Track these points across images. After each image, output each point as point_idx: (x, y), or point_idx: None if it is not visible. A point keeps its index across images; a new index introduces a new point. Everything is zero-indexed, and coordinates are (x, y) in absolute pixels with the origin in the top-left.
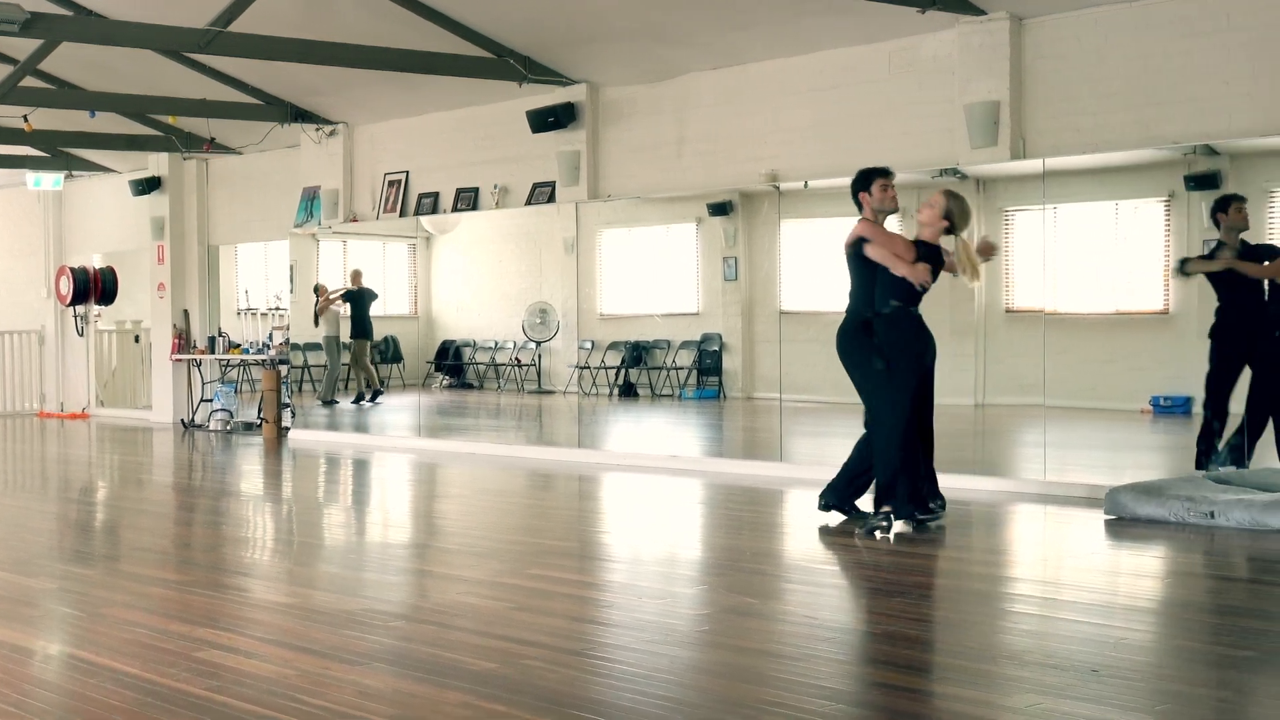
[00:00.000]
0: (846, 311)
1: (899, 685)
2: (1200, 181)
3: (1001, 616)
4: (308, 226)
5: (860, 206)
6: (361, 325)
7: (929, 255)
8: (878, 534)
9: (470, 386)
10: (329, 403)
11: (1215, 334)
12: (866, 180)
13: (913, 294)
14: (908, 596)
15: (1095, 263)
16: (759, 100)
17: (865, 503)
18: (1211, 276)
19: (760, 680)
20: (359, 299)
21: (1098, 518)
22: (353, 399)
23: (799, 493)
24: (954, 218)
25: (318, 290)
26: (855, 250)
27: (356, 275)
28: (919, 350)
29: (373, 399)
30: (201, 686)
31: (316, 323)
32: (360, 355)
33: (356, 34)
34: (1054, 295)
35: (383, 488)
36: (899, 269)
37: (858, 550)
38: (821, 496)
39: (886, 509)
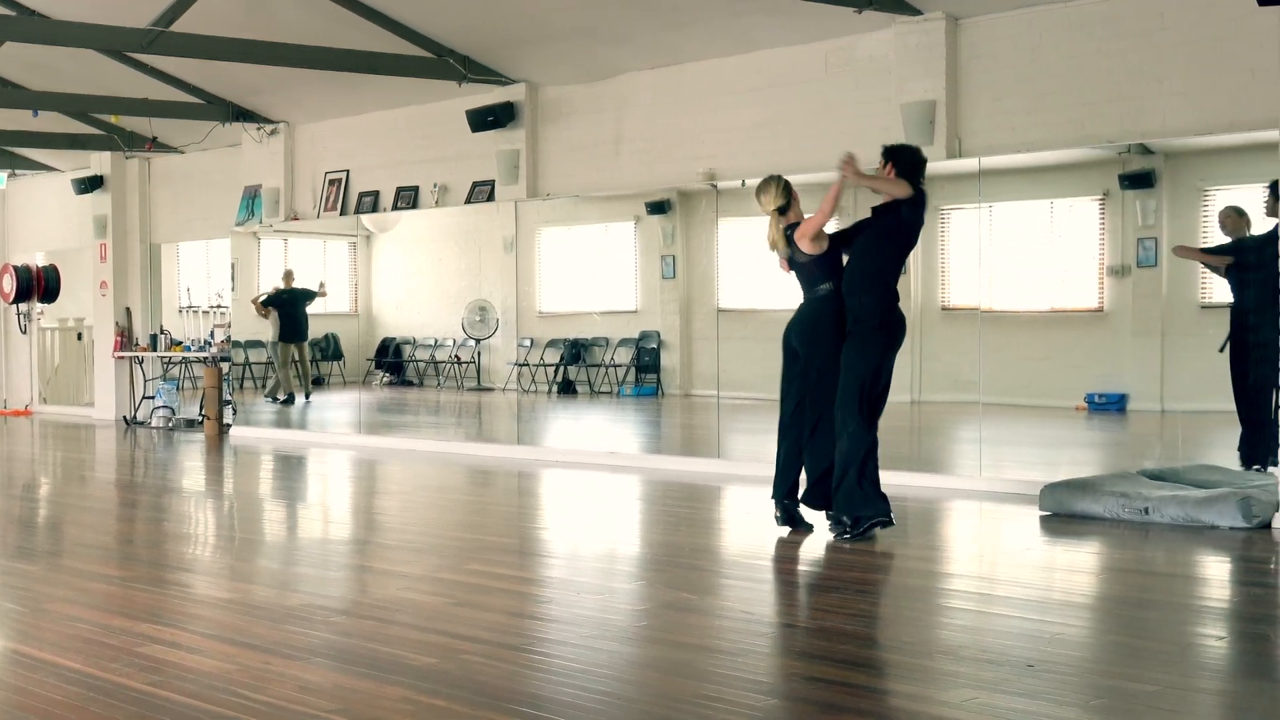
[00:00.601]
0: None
1: (836, 680)
2: (1134, 180)
3: (938, 612)
4: (249, 225)
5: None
6: (286, 327)
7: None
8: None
9: (410, 384)
10: (287, 401)
11: None
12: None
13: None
14: (844, 592)
15: (1031, 261)
16: (696, 100)
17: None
18: None
19: (698, 675)
20: (287, 301)
21: (1033, 514)
22: (284, 401)
23: (736, 489)
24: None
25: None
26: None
27: (288, 276)
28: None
29: (283, 399)
30: (143, 681)
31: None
32: (284, 359)
33: (297, 34)
34: (990, 293)
35: (323, 484)
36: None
37: (794, 546)
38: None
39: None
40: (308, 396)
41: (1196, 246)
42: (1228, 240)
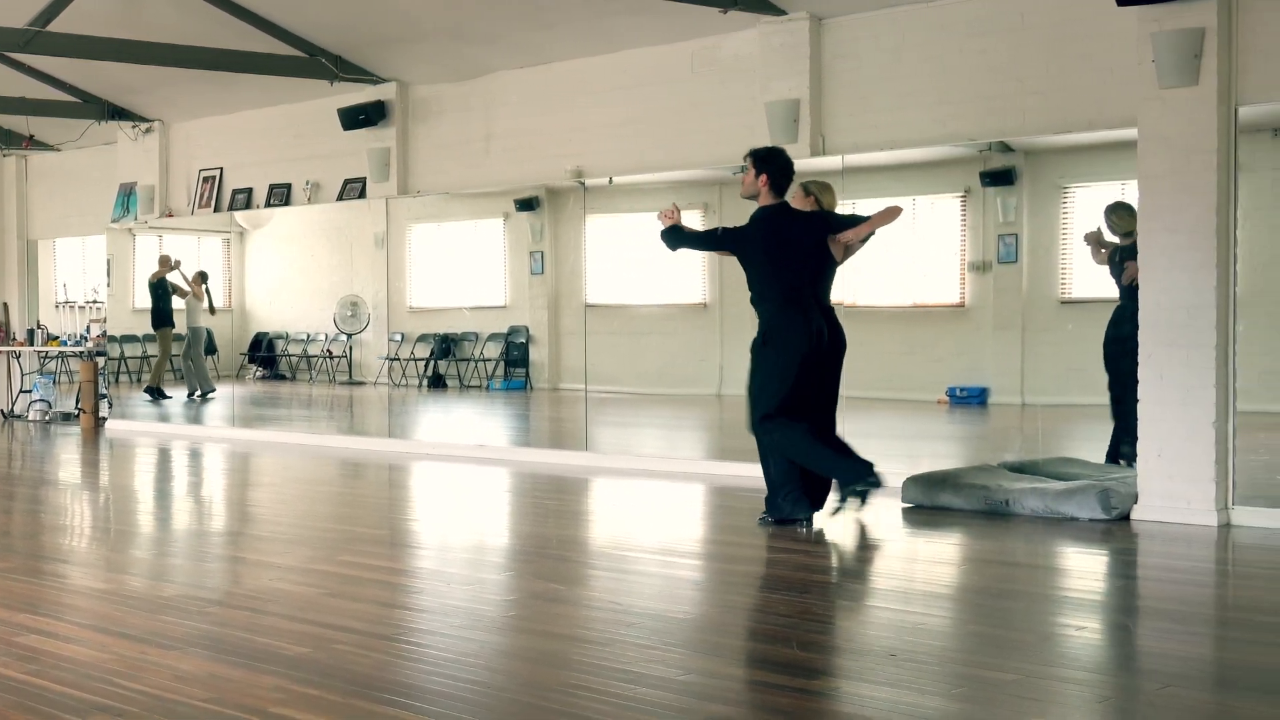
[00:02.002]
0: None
1: (700, 669)
2: (995, 178)
3: (800, 602)
4: (124, 222)
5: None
6: (162, 316)
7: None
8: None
9: (283, 378)
10: (205, 395)
11: None
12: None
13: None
14: (709, 583)
15: (893, 257)
16: (565, 98)
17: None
18: None
19: (566, 664)
20: (160, 288)
21: (895, 506)
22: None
23: (604, 481)
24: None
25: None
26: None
27: (161, 261)
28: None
29: (156, 397)
30: (20, 670)
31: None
32: (165, 347)
33: (172, 33)
34: (852, 289)
35: (197, 476)
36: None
37: (660, 537)
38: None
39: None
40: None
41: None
42: (1118, 240)
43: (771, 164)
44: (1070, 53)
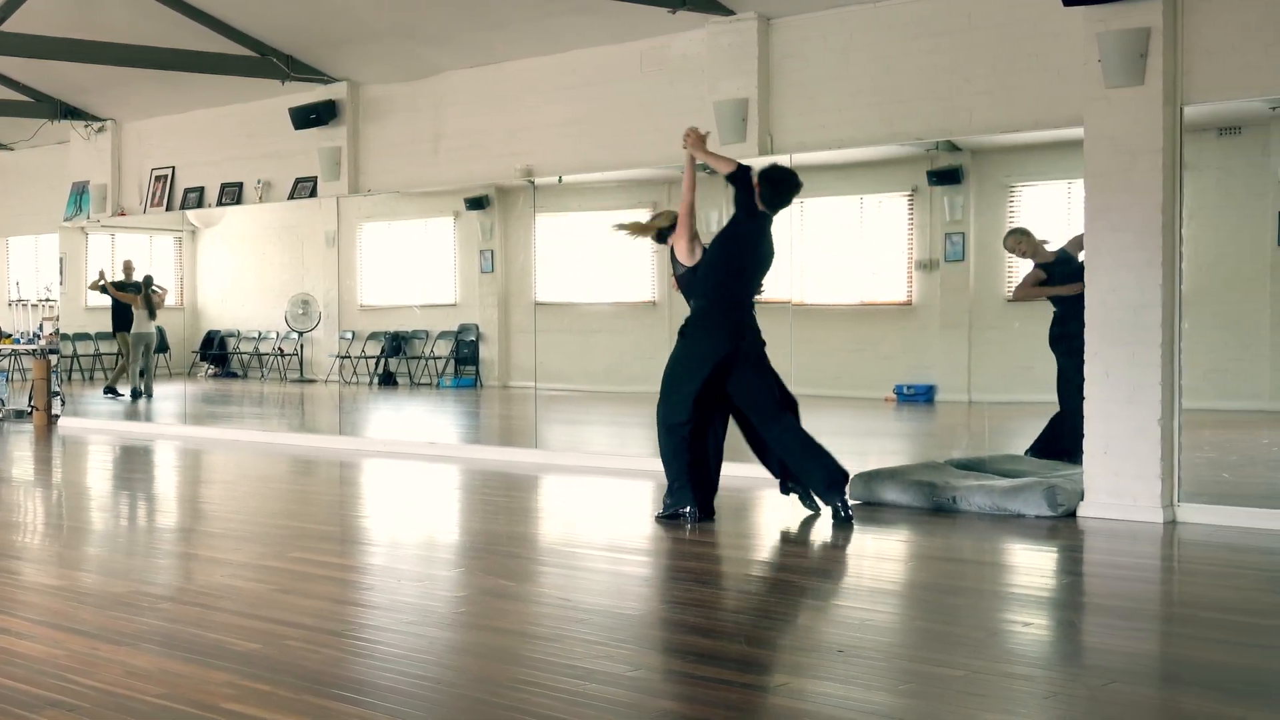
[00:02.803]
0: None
1: (648, 665)
2: (942, 176)
3: (749, 598)
4: (77, 220)
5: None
6: (125, 318)
7: None
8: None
9: (235, 375)
10: (138, 395)
11: None
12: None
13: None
14: (659, 579)
15: (841, 255)
16: (514, 98)
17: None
18: None
19: (516, 660)
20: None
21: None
22: (105, 390)
23: (553, 478)
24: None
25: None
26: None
27: (125, 266)
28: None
29: (112, 394)
30: None
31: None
32: (124, 348)
33: (124, 33)
34: (801, 287)
35: (149, 473)
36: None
37: (609, 533)
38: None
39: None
40: (111, 391)
41: (1030, 284)
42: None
43: (784, 185)
44: (1017, 53)
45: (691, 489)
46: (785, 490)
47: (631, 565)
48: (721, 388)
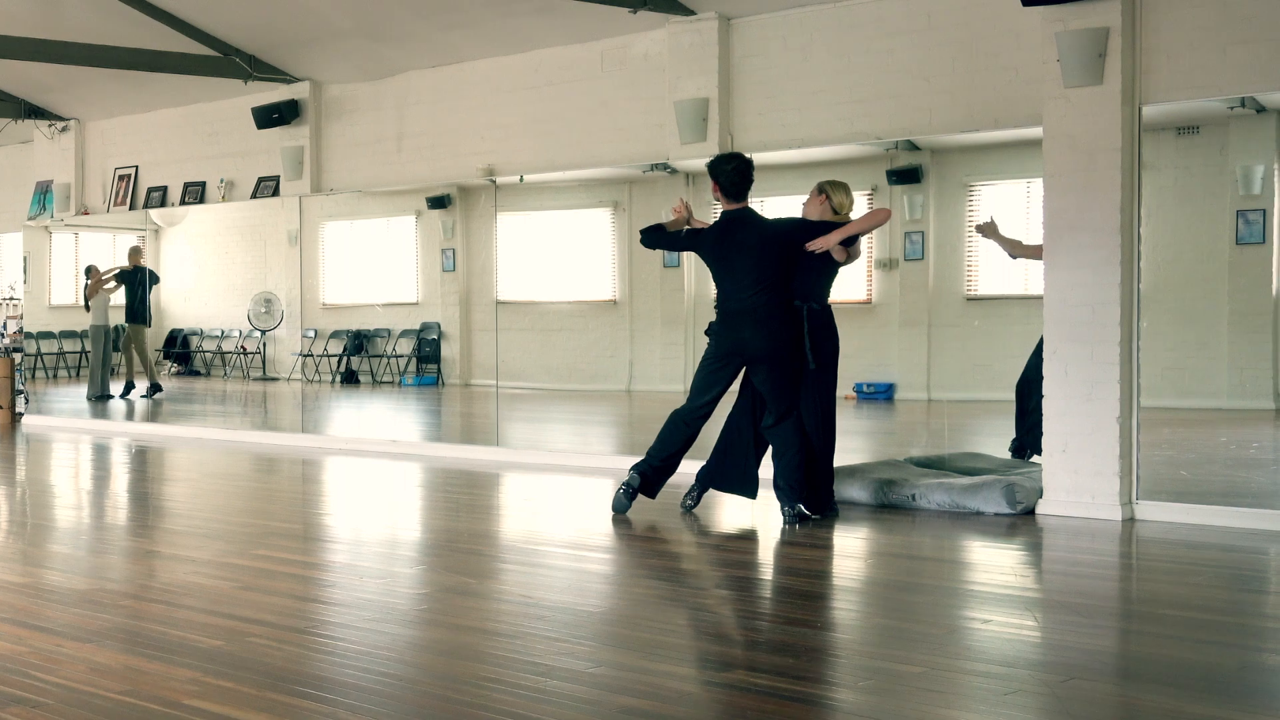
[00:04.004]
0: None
1: (610, 661)
2: (902, 176)
3: (709, 596)
4: (40, 219)
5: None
6: (136, 309)
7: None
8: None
9: (197, 373)
10: (101, 398)
11: None
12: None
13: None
14: (619, 577)
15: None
16: (476, 98)
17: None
18: None
19: (477, 657)
20: (135, 280)
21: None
22: (123, 391)
23: (515, 476)
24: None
25: (90, 272)
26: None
27: (134, 253)
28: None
29: (150, 392)
30: None
31: (87, 307)
32: (137, 342)
33: (87, 33)
34: None
35: (113, 471)
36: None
37: (571, 531)
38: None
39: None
40: (154, 390)
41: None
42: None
43: (717, 171)
44: (976, 52)
45: (655, 476)
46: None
47: (592, 562)
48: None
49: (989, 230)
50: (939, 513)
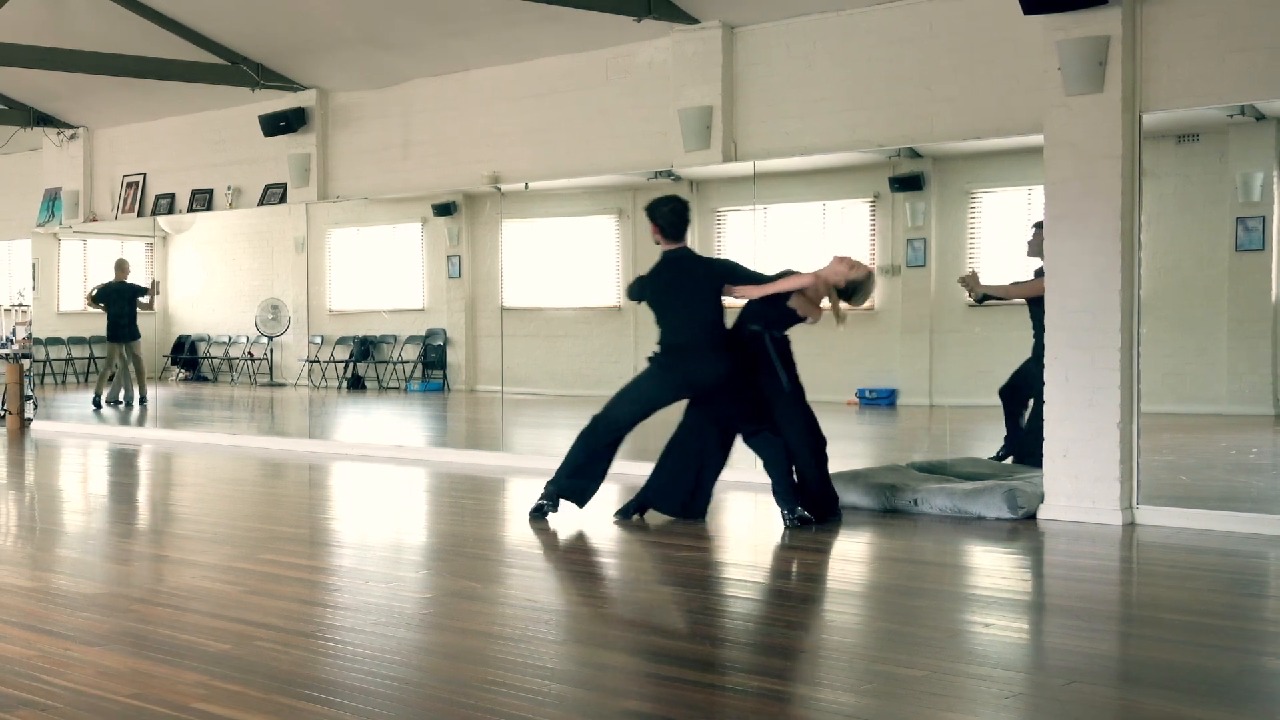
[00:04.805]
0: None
1: (616, 666)
2: (904, 183)
3: (714, 600)
4: (49, 226)
5: None
6: (123, 326)
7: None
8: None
9: (205, 379)
10: (112, 403)
11: None
12: None
13: None
14: (623, 581)
15: (804, 261)
16: (481, 105)
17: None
18: None
19: (483, 661)
20: (112, 296)
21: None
22: (107, 400)
23: (520, 481)
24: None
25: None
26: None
27: (120, 267)
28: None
29: (115, 402)
30: None
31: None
32: (109, 357)
33: (96, 41)
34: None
35: (121, 476)
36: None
37: (576, 537)
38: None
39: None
40: (142, 398)
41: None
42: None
43: (655, 214)
44: (978, 60)
45: (579, 483)
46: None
47: (597, 567)
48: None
49: (972, 283)
50: (941, 517)
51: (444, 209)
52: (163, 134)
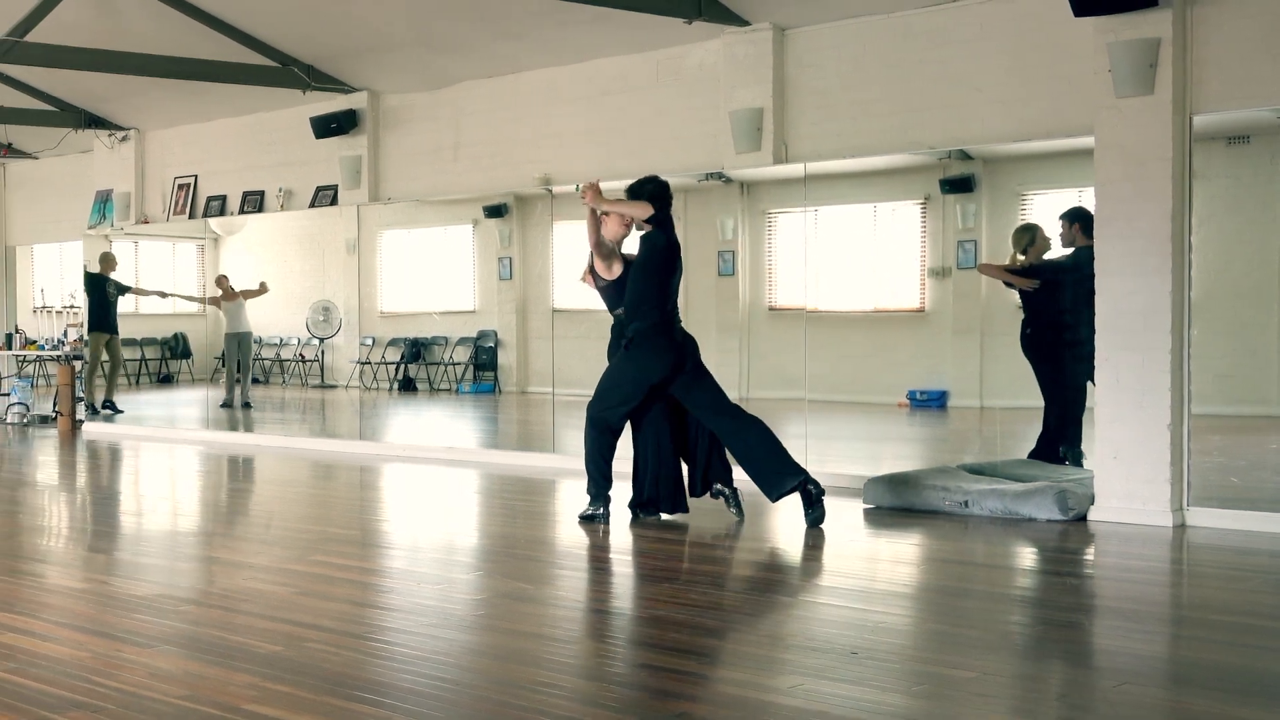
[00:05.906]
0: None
1: (666, 667)
2: (954, 185)
3: (765, 601)
4: (101, 228)
5: None
6: (101, 318)
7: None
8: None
9: (257, 381)
10: (224, 405)
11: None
12: None
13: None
14: (675, 582)
15: (855, 262)
16: (532, 107)
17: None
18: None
19: (534, 662)
20: (101, 287)
21: (857, 507)
22: (97, 408)
23: (570, 483)
24: None
25: (220, 281)
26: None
27: (105, 260)
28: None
29: (100, 409)
30: None
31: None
32: (97, 351)
33: (147, 43)
34: (815, 294)
35: (172, 478)
36: None
37: (627, 538)
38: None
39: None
40: (104, 406)
41: (1000, 265)
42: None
43: (639, 192)
44: (1028, 62)
45: (608, 490)
46: (714, 495)
47: (649, 568)
48: (662, 395)
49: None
50: (991, 519)
51: (495, 211)
52: (214, 136)
